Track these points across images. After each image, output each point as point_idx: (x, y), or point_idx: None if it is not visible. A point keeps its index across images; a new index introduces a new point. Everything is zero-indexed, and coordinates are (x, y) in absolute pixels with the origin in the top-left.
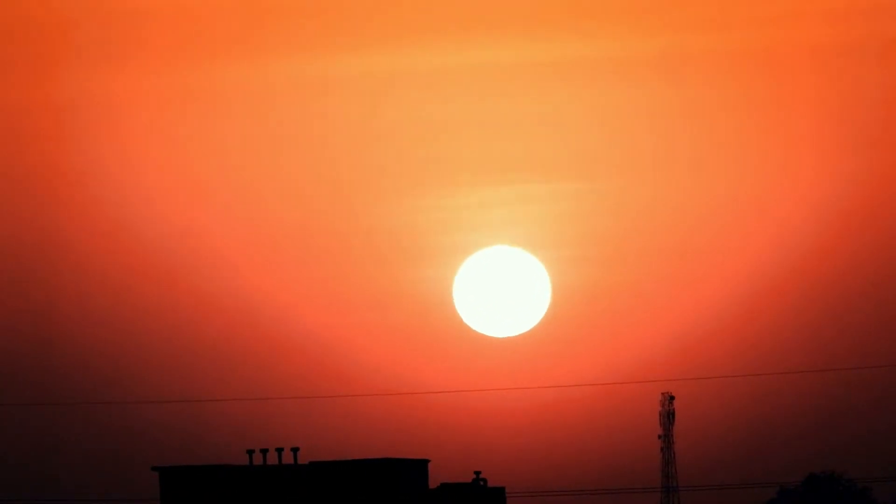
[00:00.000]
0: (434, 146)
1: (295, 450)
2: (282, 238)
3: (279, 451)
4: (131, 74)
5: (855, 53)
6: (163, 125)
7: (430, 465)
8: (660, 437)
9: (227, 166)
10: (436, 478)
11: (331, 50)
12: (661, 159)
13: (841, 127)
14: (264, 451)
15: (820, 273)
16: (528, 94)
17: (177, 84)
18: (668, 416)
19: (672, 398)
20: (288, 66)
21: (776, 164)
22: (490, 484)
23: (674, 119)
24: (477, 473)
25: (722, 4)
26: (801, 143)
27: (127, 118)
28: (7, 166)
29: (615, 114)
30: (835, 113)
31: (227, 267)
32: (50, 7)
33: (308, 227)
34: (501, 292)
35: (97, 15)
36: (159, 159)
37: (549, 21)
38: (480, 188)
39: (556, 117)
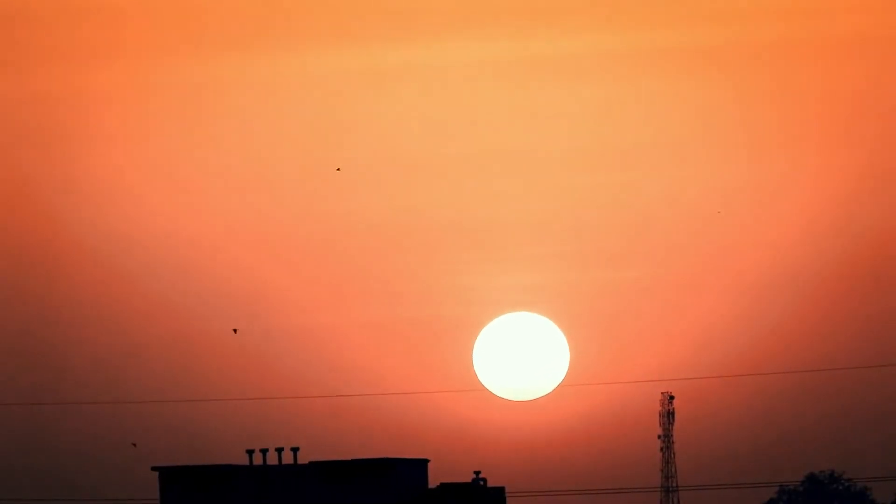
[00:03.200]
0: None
1: (295, 450)
2: (282, 238)
3: (279, 451)
4: (129, 69)
5: (858, 49)
6: (141, 121)
7: (430, 464)
8: (659, 436)
9: (219, 165)
10: (436, 478)
11: (327, 44)
12: (662, 158)
13: (846, 124)
14: (264, 451)
15: (820, 273)
16: (522, 88)
17: (163, 80)
18: (667, 416)
19: (672, 398)
20: (288, 62)
21: (778, 164)
22: (490, 484)
23: (675, 118)
24: (477, 473)
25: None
26: (802, 142)
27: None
28: None
29: (618, 110)
30: (843, 109)
31: (226, 267)
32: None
33: (311, 225)
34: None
35: (75, 8)
36: (146, 157)
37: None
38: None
39: (554, 113)
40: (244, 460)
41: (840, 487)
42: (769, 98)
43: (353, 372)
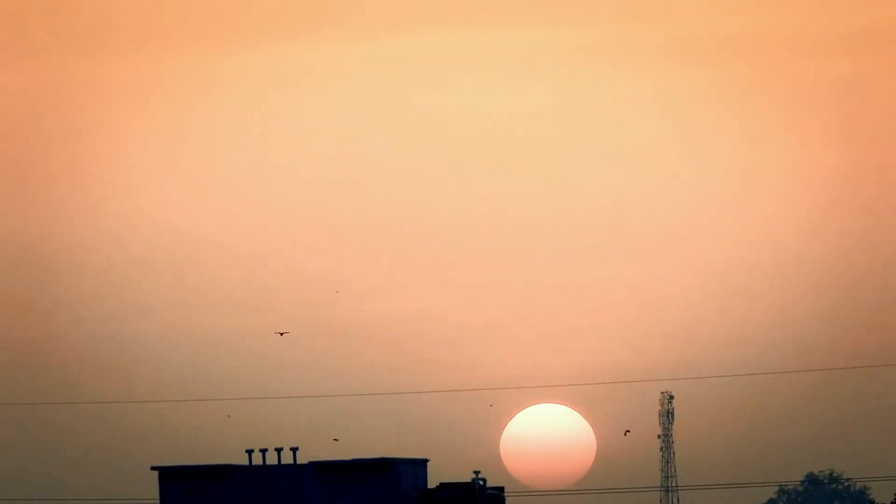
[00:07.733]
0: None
1: (294, 449)
2: (283, 237)
3: (279, 450)
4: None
5: (838, 44)
6: (144, 116)
7: (429, 464)
8: (659, 436)
9: (219, 161)
10: (436, 478)
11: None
12: (660, 151)
13: (835, 119)
14: (264, 451)
15: (820, 272)
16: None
17: (165, 74)
18: (667, 416)
19: (671, 397)
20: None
21: (776, 158)
22: (490, 483)
23: (663, 109)
24: (476, 473)
25: None
26: (803, 136)
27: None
28: None
29: (611, 105)
30: (838, 106)
31: (226, 267)
32: None
33: (309, 223)
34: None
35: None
36: (150, 149)
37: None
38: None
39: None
40: (244, 460)
41: (839, 487)
42: (762, 95)
43: (353, 371)
